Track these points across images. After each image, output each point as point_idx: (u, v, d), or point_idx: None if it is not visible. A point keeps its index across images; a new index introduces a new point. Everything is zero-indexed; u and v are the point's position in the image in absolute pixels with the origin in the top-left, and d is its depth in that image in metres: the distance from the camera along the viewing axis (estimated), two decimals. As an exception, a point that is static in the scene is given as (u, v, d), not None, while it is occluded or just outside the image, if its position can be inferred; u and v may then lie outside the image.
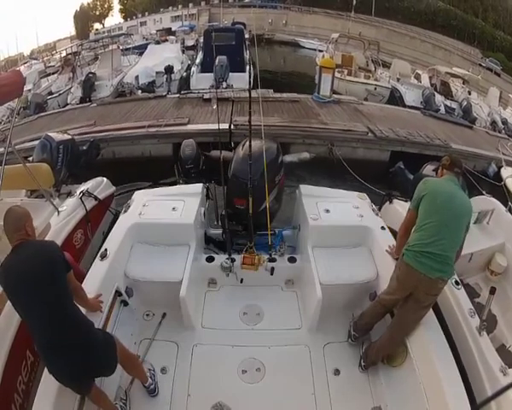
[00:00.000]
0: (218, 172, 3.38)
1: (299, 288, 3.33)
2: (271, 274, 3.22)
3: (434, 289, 2.34)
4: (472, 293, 3.26)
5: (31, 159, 4.60)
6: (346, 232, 3.28)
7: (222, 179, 3.41)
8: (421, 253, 2.29)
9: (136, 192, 3.81)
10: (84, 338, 1.94)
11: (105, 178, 4.84)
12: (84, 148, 5.43)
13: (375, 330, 2.75)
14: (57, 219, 3.66)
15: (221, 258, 3.28)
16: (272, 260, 3.24)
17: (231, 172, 3.36)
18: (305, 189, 3.70)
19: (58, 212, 3.73)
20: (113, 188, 4.98)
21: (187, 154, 5.59)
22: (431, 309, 2.54)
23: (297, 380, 2.62)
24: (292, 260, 3.35)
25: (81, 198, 4.06)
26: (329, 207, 3.40)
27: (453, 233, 2.33)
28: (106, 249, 2.91)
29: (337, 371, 2.68)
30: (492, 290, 2.27)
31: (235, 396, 2.49)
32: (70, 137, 5.00)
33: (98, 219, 4.44)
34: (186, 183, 4.75)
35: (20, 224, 1.94)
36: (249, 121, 3.07)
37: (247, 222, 3.20)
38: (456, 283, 2.86)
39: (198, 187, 3.73)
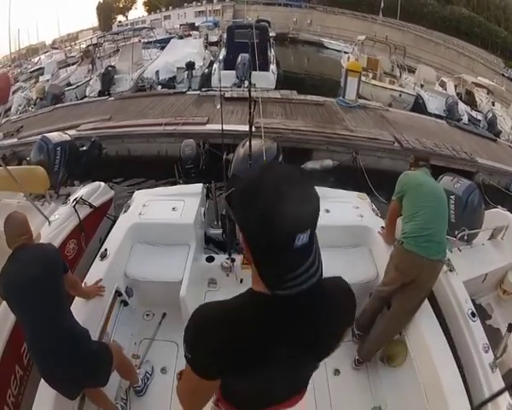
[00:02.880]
0: (219, 172, 3.38)
1: (298, 288, 3.32)
2: None
3: (435, 271, 2.45)
4: (484, 316, 3.16)
5: (28, 159, 4.49)
6: (346, 232, 3.27)
7: (224, 179, 3.41)
8: (422, 237, 2.39)
9: (136, 192, 3.79)
10: (74, 347, 1.91)
11: (102, 183, 4.57)
12: (85, 148, 5.24)
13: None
14: (48, 230, 3.45)
15: (221, 258, 3.27)
16: (272, 260, 3.23)
17: (231, 172, 3.36)
18: None
19: (49, 222, 3.54)
20: (112, 193, 4.73)
21: (187, 154, 5.62)
22: (431, 310, 2.54)
23: None
24: (292, 260, 3.33)
25: (74, 206, 3.81)
26: (329, 207, 3.38)
27: (443, 216, 2.51)
28: (106, 249, 2.91)
29: (337, 371, 2.68)
30: (510, 328, 2.22)
31: None
32: (69, 138, 4.83)
33: (94, 227, 4.20)
34: (186, 183, 4.75)
35: (15, 231, 1.96)
36: (250, 121, 3.07)
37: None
38: (473, 314, 2.67)
39: (198, 187, 3.71)
